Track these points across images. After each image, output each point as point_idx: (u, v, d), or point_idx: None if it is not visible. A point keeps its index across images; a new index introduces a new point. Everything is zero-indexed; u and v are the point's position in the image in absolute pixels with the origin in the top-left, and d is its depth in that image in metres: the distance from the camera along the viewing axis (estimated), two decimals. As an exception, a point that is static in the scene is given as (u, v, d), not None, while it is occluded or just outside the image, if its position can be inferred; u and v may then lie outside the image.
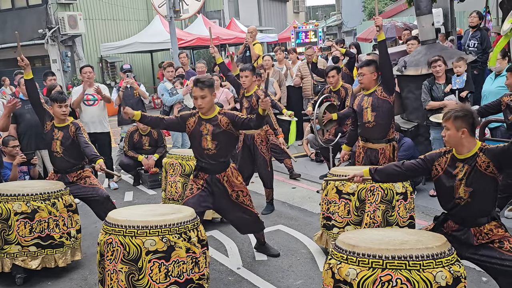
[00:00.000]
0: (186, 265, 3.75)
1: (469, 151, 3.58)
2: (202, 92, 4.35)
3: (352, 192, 4.76)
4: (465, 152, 3.58)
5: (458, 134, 3.57)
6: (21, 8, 19.30)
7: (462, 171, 3.59)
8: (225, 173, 4.58)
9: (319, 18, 45.26)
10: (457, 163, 3.62)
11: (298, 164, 8.54)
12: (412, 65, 7.18)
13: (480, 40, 9.22)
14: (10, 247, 4.70)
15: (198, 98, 4.36)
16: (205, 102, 4.37)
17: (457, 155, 3.64)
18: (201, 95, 4.36)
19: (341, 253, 3.24)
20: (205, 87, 4.36)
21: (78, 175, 5.53)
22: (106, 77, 21.12)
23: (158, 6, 16.95)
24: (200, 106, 4.39)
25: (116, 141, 10.15)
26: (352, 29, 32.41)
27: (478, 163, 3.52)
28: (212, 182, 4.59)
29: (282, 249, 5.38)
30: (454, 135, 3.59)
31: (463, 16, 16.39)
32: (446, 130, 3.62)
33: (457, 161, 3.63)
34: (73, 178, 5.50)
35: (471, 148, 3.58)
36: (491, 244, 3.55)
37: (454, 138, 3.59)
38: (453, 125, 3.58)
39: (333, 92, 7.39)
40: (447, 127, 3.61)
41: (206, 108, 4.40)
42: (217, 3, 27.95)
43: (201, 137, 4.47)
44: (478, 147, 3.58)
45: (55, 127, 5.51)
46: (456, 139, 3.59)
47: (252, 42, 10.08)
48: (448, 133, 3.61)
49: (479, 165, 3.51)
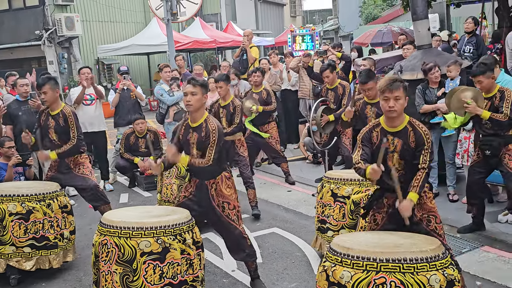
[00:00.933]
0: (180, 267, 3.76)
1: (400, 124, 3.68)
2: (193, 89, 4.29)
3: (347, 195, 4.78)
4: (398, 124, 3.68)
5: (405, 104, 3.65)
6: (18, 9, 19.24)
7: (393, 143, 3.68)
8: (214, 181, 4.40)
9: (316, 22, 45.32)
10: (388, 135, 3.70)
11: (294, 167, 8.55)
12: (408, 69, 7.20)
13: (476, 45, 9.26)
14: (5, 248, 4.69)
15: (188, 94, 4.28)
16: (194, 100, 4.26)
17: (387, 128, 3.72)
18: (192, 92, 4.27)
19: (335, 256, 3.25)
20: (198, 85, 4.31)
21: (74, 159, 5.53)
22: (102, 79, 21.09)
23: (156, 9, 17.00)
24: (189, 103, 4.26)
25: (112, 143, 10.14)
26: (349, 33, 32.48)
27: (410, 136, 3.64)
28: (201, 188, 4.42)
29: (277, 252, 5.39)
30: (404, 104, 3.65)
31: (459, 22, 16.47)
32: (397, 100, 3.60)
33: (387, 133, 3.71)
34: (70, 162, 5.51)
35: (402, 121, 3.68)
36: (419, 221, 3.70)
37: (403, 107, 3.66)
38: (403, 93, 3.64)
39: (330, 90, 7.41)
40: (398, 97, 3.61)
41: (194, 107, 4.27)
42: (215, 7, 27.96)
43: (188, 146, 4.37)
44: (407, 120, 3.69)
45: (49, 115, 5.48)
46: (402, 109, 3.66)
47: (249, 45, 10.11)
48: (401, 102, 3.63)
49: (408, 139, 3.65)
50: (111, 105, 8.61)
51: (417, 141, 3.64)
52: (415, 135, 3.65)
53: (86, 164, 5.62)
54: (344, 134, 7.43)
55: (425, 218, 3.71)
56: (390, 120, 3.72)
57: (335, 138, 7.36)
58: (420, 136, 3.64)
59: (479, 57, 8.99)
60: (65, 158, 5.47)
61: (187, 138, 4.35)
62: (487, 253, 5.04)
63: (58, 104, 5.46)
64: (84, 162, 5.61)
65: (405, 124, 3.70)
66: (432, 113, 6.39)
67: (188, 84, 4.34)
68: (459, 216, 5.91)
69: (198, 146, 4.32)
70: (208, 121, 4.33)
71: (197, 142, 4.32)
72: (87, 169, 5.60)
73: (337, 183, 4.89)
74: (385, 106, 3.65)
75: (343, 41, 32.13)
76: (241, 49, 10.30)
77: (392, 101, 3.61)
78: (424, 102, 6.48)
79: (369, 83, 5.60)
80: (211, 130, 4.27)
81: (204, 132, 4.29)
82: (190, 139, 4.33)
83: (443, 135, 6.40)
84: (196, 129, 4.34)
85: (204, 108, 4.44)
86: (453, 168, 6.54)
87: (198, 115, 4.35)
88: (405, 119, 3.71)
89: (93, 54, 21.10)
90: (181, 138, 4.41)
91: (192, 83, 4.33)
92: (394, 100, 3.61)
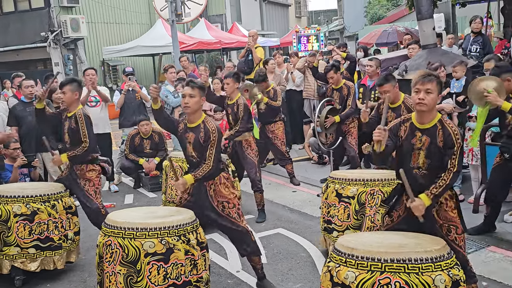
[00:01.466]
0: (184, 268, 3.75)
1: (430, 121, 3.57)
2: (192, 91, 4.28)
3: (352, 195, 4.75)
4: (427, 121, 3.57)
5: (437, 99, 3.56)
6: (24, 11, 19.35)
7: (421, 141, 3.57)
8: (213, 181, 4.37)
9: (321, 23, 45.27)
10: (416, 131, 3.60)
11: (299, 168, 8.54)
12: (413, 69, 7.18)
13: (482, 44, 9.21)
14: (9, 249, 4.69)
15: (186, 96, 4.27)
16: (192, 102, 4.25)
17: (417, 124, 3.61)
18: (190, 94, 4.26)
19: (340, 256, 3.24)
20: (196, 87, 4.30)
21: (81, 170, 5.27)
22: (108, 80, 21.15)
23: (160, 10, 17.00)
24: (186, 105, 4.25)
25: (117, 144, 10.16)
26: (354, 34, 32.46)
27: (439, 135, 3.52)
28: (199, 189, 4.40)
29: (282, 253, 5.37)
30: (435, 100, 3.55)
31: (465, 21, 16.40)
32: (428, 93, 3.50)
33: (416, 129, 3.61)
34: (78, 171, 5.27)
35: (433, 118, 3.58)
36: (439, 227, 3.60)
37: (434, 102, 3.54)
38: (436, 88, 3.54)
39: (335, 90, 7.39)
40: (430, 90, 3.51)
41: (192, 109, 4.27)
42: (220, 7, 27.99)
43: (185, 143, 4.37)
44: (438, 118, 3.58)
45: (66, 116, 5.36)
46: (434, 104, 3.55)
47: (254, 46, 10.10)
48: (432, 97, 3.52)
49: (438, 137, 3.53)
50: (116, 106, 8.62)
51: (445, 140, 3.50)
52: (444, 134, 3.51)
53: (92, 182, 5.30)
54: (350, 134, 7.40)
55: (445, 227, 3.60)
56: (420, 115, 3.59)
57: (340, 138, 7.33)
58: (449, 136, 3.49)
59: (485, 56, 8.97)
60: (76, 163, 5.27)
61: (185, 136, 4.37)
62: (493, 253, 5.00)
63: (75, 107, 5.32)
64: (91, 178, 5.30)
65: (435, 122, 3.56)
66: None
67: (187, 86, 4.33)
68: (465, 216, 5.85)
69: (195, 146, 4.31)
70: (207, 122, 4.33)
71: (193, 142, 4.31)
72: (92, 188, 5.29)
73: (342, 183, 4.87)
74: (415, 98, 3.53)
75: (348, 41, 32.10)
76: (246, 50, 10.29)
77: (422, 93, 3.50)
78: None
79: (385, 85, 5.49)
80: (211, 130, 4.26)
81: (202, 132, 4.28)
82: (187, 138, 4.35)
83: None
84: (193, 130, 4.33)
85: (201, 110, 4.42)
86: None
87: (195, 117, 4.34)
88: (436, 117, 3.58)
89: (98, 55, 21.17)
90: (179, 133, 4.44)
91: (190, 85, 4.32)
92: (425, 93, 3.50)
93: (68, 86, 5.28)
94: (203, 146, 4.26)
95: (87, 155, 5.25)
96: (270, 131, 7.70)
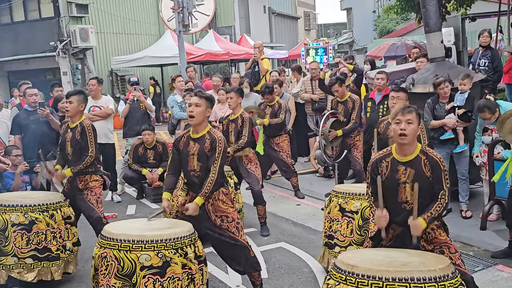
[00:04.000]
0: (181, 282, 3.66)
1: (412, 153, 3.55)
2: (199, 100, 4.23)
3: (356, 210, 4.65)
4: (409, 153, 3.54)
5: (418, 131, 3.55)
6: (33, 20, 19.51)
7: (405, 174, 3.54)
8: (212, 196, 4.27)
9: (331, 36, 45.41)
10: (399, 166, 3.56)
11: (304, 181, 8.44)
12: (420, 82, 7.09)
13: (491, 59, 9.11)
14: (6, 259, 4.63)
15: (192, 105, 4.22)
16: (197, 111, 4.20)
17: (398, 158, 3.58)
18: (196, 103, 4.21)
19: (340, 273, 3.13)
20: (204, 97, 4.27)
21: (85, 181, 5.27)
22: (115, 90, 21.20)
23: (168, 20, 17.05)
24: (191, 113, 4.20)
25: (122, 153, 10.11)
26: (363, 47, 32.47)
27: (425, 165, 3.51)
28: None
29: (284, 267, 5.26)
30: (416, 130, 3.54)
31: (475, 36, 16.30)
32: (408, 123, 3.51)
33: (398, 164, 3.57)
34: (81, 182, 5.26)
35: (414, 150, 3.56)
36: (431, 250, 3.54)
37: (415, 133, 3.54)
38: (416, 119, 3.55)
39: (340, 103, 7.32)
40: (410, 121, 3.52)
41: (196, 119, 4.21)
42: (229, 19, 28.11)
43: (188, 157, 4.27)
44: (419, 148, 3.57)
45: (68, 127, 5.37)
46: (414, 136, 3.54)
47: (260, 57, 10.06)
48: (412, 127, 3.52)
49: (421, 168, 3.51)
50: (121, 115, 8.58)
51: (433, 168, 3.49)
52: (430, 163, 3.50)
53: (95, 191, 5.29)
54: (356, 147, 7.33)
55: (437, 250, 3.54)
56: (401, 148, 3.57)
57: (345, 151, 7.25)
58: (436, 164, 3.50)
59: (494, 70, 8.86)
60: (79, 174, 5.25)
61: (187, 149, 4.28)
62: (501, 272, 4.87)
63: (79, 118, 5.33)
64: (94, 187, 5.28)
65: (417, 153, 3.55)
66: (441, 129, 6.26)
67: (195, 96, 4.30)
68: (472, 233, 5.75)
69: (199, 157, 4.23)
70: (212, 131, 4.27)
71: (198, 153, 4.23)
72: (94, 197, 5.27)
73: (345, 198, 4.77)
74: (397, 129, 3.53)
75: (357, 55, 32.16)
76: (252, 61, 10.25)
77: (403, 124, 3.51)
78: (434, 117, 6.35)
79: (400, 92, 5.80)
80: (218, 139, 4.20)
81: (208, 142, 4.21)
82: (190, 150, 4.26)
83: (455, 151, 6.25)
84: (198, 140, 4.26)
85: (207, 121, 4.36)
86: (466, 184, 6.37)
87: (200, 128, 4.29)
88: (417, 148, 3.57)
89: (107, 65, 21.26)
90: (181, 148, 4.34)
91: (198, 95, 4.31)
92: (406, 123, 3.51)
93: (76, 97, 5.34)
94: (208, 156, 4.20)
95: (91, 166, 5.27)
96: (275, 143, 7.64)
